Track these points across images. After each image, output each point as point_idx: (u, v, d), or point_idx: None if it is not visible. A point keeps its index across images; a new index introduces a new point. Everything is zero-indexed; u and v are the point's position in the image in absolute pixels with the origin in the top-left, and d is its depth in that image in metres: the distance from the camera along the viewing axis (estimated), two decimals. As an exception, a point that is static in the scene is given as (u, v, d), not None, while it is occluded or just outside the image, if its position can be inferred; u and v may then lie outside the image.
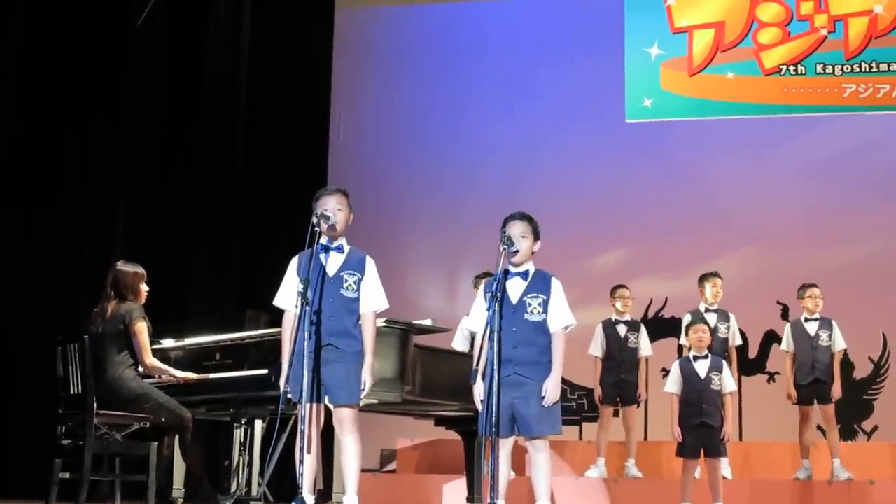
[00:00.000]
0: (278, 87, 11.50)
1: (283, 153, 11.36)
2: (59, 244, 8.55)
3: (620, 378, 8.72)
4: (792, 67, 11.04)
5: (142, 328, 6.60)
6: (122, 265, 6.85)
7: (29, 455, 7.82)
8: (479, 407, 5.18)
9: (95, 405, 6.15)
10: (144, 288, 6.85)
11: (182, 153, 9.96)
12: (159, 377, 6.81)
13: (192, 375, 6.70)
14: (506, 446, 5.28)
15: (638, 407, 8.92)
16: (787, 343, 8.52)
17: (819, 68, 10.97)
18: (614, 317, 8.85)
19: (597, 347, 8.80)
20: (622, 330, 8.79)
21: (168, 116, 9.86)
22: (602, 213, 11.08)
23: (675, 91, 11.34)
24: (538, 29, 11.87)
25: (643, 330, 8.92)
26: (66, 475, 6.25)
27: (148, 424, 6.41)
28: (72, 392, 6.29)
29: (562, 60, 11.61)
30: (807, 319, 8.42)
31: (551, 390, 5.21)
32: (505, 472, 5.26)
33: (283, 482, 7.87)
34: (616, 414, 8.82)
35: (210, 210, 10.09)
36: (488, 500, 4.99)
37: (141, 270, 6.85)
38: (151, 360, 6.67)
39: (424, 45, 12.18)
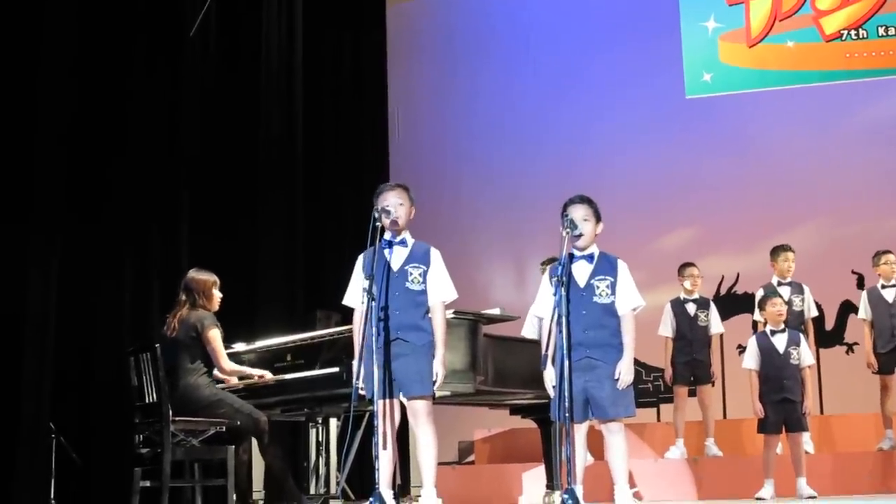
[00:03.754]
0: (335, 86, 11.52)
1: (342, 152, 11.38)
2: (126, 254, 8.59)
3: (693, 357, 8.61)
4: (853, 32, 10.83)
5: (215, 335, 6.63)
6: (194, 272, 6.89)
7: (109, 465, 7.88)
8: (551, 393, 5.16)
9: (171, 412, 6.20)
10: (217, 294, 6.88)
11: (243, 156, 9.98)
12: (229, 381, 6.85)
13: (267, 374, 6.73)
14: (581, 431, 5.24)
15: (713, 385, 8.81)
16: (864, 311, 8.38)
17: (881, 31, 10.75)
18: (683, 295, 8.74)
19: (667, 328, 8.71)
20: (691, 308, 8.68)
21: (226, 119, 9.87)
22: (667, 191, 10.94)
23: (734, 63, 11.17)
24: (591, 10, 11.78)
25: (713, 307, 8.80)
26: (147, 483, 6.30)
27: (224, 428, 6.43)
28: (147, 401, 6.33)
29: (617, 39, 11.50)
30: (884, 286, 8.27)
31: (625, 372, 5.17)
32: (581, 457, 5.24)
33: (363, 479, 7.93)
34: (691, 393, 8.71)
35: (275, 212, 10.12)
36: (566, 486, 4.96)
37: (213, 277, 6.88)
38: (229, 365, 6.71)
39: (474, 33, 12.12)
